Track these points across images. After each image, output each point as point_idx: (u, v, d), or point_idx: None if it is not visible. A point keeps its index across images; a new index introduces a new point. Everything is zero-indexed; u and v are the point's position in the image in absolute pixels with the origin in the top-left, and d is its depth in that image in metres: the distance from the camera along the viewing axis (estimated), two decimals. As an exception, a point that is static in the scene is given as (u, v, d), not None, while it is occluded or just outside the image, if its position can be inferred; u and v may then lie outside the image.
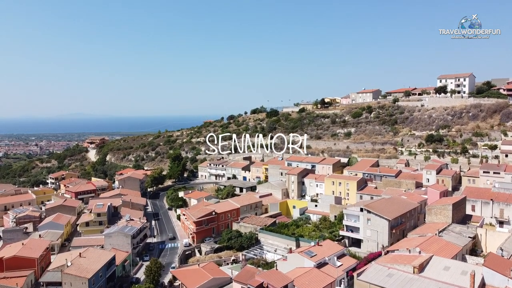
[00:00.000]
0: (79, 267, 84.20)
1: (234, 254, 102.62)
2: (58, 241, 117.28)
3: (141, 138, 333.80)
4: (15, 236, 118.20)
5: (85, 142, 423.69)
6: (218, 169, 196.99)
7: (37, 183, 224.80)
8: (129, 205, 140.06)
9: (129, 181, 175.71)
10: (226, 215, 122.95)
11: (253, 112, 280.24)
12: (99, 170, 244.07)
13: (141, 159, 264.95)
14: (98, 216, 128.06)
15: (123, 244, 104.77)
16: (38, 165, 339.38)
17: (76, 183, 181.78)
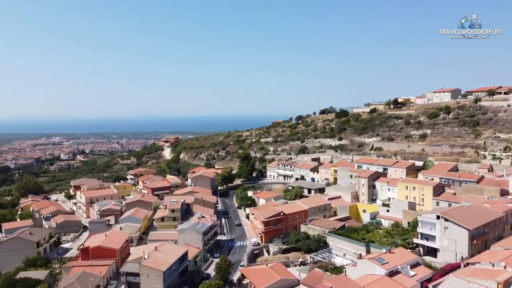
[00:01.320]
0: (155, 260, 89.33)
1: (302, 256, 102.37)
2: (136, 234, 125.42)
3: (212, 138, 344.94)
4: (99, 227, 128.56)
5: (160, 140, 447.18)
6: (287, 169, 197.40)
7: (118, 179, 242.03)
8: (201, 202, 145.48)
9: (201, 179, 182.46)
10: (294, 217, 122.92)
11: (322, 113, 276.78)
12: (173, 168, 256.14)
13: (212, 158, 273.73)
14: (172, 212, 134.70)
15: (195, 240, 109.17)
16: (119, 162, 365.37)
17: (152, 180, 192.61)
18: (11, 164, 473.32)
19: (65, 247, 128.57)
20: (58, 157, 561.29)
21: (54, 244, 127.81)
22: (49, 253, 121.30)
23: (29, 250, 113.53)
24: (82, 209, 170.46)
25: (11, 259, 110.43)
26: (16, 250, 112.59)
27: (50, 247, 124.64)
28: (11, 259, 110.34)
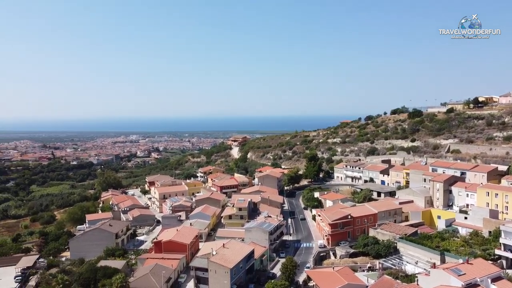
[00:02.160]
0: (222, 257, 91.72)
1: (370, 261, 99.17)
2: (205, 230, 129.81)
3: (279, 138, 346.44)
4: (171, 222, 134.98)
5: (229, 140, 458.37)
6: (355, 171, 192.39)
7: (189, 176, 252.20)
8: (268, 202, 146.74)
9: (268, 179, 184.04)
10: (363, 220, 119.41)
11: (393, 113, 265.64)
12: (241, 167, 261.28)
13: (278, 158, 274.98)
14: (240, 211, 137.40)
15: (261, 239, 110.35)
16: (190, 160, 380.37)
17: (221, 178, 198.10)
18: (94, 160, 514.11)
19: (140, 240, 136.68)
20: (135, 154, 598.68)
21: (131, 236, 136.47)
22: (126, 245, 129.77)
23: (109, 241, 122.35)
24: (156, 204, 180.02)
25: (93, 248, 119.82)
26: (98, 240, 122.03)
27: (127, 238, 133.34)
28: (93, 248, 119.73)
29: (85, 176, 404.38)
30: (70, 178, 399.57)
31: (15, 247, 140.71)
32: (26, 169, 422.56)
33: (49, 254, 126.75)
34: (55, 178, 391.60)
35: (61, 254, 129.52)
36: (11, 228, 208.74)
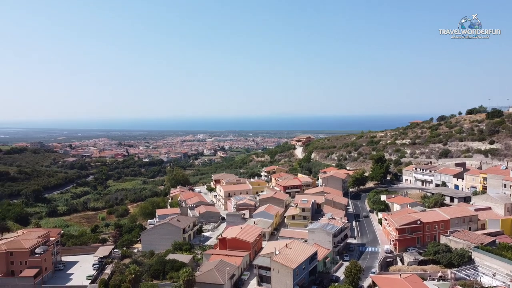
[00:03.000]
0: (285, 257, 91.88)
1: (441, 270, 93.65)
2: (268, 229, 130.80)
3: (344, 138, 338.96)
4: (235, 220, 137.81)
5: (293, 140, 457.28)
6: (425, 174, 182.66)
7: (253, 175, 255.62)
8: (331, 203, 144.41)
9: (332, 180, 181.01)
10: (433, 226, 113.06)
11: (469, 113, 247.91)
12: (305, 167, 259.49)
13: (343, 159, 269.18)
14: (303, 211, 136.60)
15: (325, 241, 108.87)
16: (254, 159, 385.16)
17: (284, 178, 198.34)
18: (164, 158, 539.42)
19: (206, 236, 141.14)
20: (201, 153, 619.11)
21: (197, 232, 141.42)
22: (193, 240, 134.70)
23: (177, 235, 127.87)
24: (221, 201, 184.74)
25: (162, 241, 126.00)
26: (166, 234, 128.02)
27: (193, 234, 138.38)
28: (163, 241, 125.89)
29: (156, 173, 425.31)
30: (142, 174, 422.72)
31: (94, 237, 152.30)
32: (104, 165, 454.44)
33: (123, 245, 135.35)
34: (129, 174, 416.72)
35: (134, 245, 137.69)
36: (90, 219, 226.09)
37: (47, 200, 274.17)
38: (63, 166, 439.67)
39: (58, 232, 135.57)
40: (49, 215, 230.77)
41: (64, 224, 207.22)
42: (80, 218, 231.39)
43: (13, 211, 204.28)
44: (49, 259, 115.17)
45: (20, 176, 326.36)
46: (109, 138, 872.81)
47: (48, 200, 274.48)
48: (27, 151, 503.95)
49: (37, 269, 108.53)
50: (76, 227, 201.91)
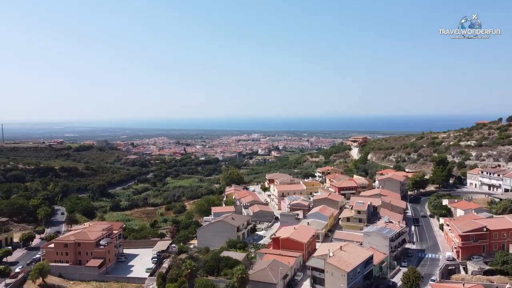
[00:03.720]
0: (340, 259, 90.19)
1: (510, 281, 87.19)
2: (322, 230, 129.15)
3: (403, 139, 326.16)
4: (289, 220, 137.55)
5: (348, 140, 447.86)
6: (493, 178, 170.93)
7: (307, 176, 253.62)
8: (389, 206, 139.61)
9: (389, 182, 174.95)
10: (501, 234, 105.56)
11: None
12: (360, 168, 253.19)
13: (402, 161, 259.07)
14: (358, 214, 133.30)
15: (381, 245, 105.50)
16: (308, 159, 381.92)
17: (339, 179, 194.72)
18: (220, 156, 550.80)
19: (259, 235, 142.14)
20: (256, 152, 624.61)
21: (251, 231, 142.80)
22: (246, 238, 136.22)
23: (231, 233, 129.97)
24: (275, 201, 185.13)
25: (217, 238, 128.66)
26: (221, 232, 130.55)
27: (247, 232, 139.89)
28: (217, 238, 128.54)
29: (212, 171, 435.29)
30: (199, 172, 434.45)
31: (153, 232, 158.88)
32: (163, 162, 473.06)
33: (180, 240, 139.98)
34: (186, 171, 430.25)
35: (190, 241, 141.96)
36: (150, 215, 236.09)
37: (111, 195, 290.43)
38: (125, 163, 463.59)
39: (120, 225, 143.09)
40: (112, 209, 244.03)
41: (126, 218, 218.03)
42: (141, 213, 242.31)
43: (80, 205, 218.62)
44: (112, 251, 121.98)
45: (87, 172, 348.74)
46: (168, 137, 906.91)
47: (112, 195, 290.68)
48: (94, 149, 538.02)
49: (101, 259, 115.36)
50: (136, 221, 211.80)
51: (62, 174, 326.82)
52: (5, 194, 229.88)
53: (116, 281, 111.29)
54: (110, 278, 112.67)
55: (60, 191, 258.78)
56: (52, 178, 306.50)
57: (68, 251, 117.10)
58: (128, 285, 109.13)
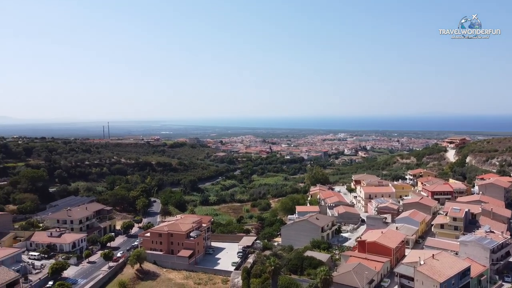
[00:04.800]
0: (432, 268, 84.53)
1: None
2: (412, 236, 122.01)
3: (508, 141, 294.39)
4: (376, 223, 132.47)
5: (444, 141, 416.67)
6: None
7: (396, 178, 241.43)
8: (490, 215, 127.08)
9: (492, 188, 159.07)
10: None
11: None
12: (457, 172, 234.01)
13: (507, 165, 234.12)
14: (454, 221, 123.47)
15: (480, 256, 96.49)
16: (398, 161, 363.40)
17: (433, 182, 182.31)
18: (305, 156, 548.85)
19: (344, 236, 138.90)
20: (342, 152, 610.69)
21: (335, 232, 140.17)
22: (331, 239, 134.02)
23: (315, 233, 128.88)
24: (361, 203, 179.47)
25: (301, 237, 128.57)
26: (305, 231, 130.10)
27: (332, 233, 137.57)
28: (301, 237, 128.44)
29: (296, 170, 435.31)
30: (284, 171, 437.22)
31: (239, 227, 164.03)
32: (249, 160, 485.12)
33: (264, 237, 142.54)
34: (271, 170, 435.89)
35: (274, 239, 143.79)
36: (236, 210, 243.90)
37: (201, 190, 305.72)
38: (214, 160, 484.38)
39: (209, 219, 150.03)
40: (202, 204, 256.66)
41: (214, 212, 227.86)
42: (228, 209, 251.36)
43: (173, 198, 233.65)
44: (201, 243, 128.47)
45: (180, 168, 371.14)
46: (255, 136, 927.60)
47: (201, 190, 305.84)
48: (186, 146, 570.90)
49: (191, 250, 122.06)
50: (224, 216, 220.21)
51: (158, 169, 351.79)
52: (109, 185, 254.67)
53: (204, 272, 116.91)
54: (198, 268, 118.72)
55: (156, 184, 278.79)
56: (149, 172, 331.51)
57: (162, 240, 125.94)
58: (215, 277, 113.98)
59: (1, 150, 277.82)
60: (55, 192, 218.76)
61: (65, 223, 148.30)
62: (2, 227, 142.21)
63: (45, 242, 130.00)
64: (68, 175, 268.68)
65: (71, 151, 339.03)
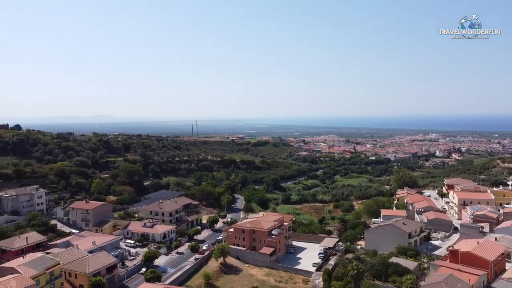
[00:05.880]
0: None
1: None
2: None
3: None
4: (471, 232, 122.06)
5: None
6: None
7: (496, 183, 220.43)
8: None
9: None
10: None
11: None
12: None
13: None
14: None
15: None
16: (499, 164, 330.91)
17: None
18: (391, 157, 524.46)
19: (435, 244, 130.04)
20: (433, 154, 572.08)
21: (424, 239, 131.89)
22: (419, 246, 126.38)
23: (401, 239, 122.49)
24: (454, 209, 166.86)
25: (386, 242, 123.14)
26: (391, 236, 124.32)
27: (420, 240, 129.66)
28: (386, 242, 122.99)
29: (382, 172, 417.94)
30: (368, 172, 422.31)
31: (320, 228, 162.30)
32: (332, 160, 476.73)
33: (347, 240, 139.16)
34: (355, 170, 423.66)
35: (357, 242, 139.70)
36: (318, 211, 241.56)
37: (282, 189, 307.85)
38: (297, 159, 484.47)
39: (290, 218, 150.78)
40: (283, 202, 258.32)
41: (296, 212, 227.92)
42: (309, 208, 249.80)
43: (256, 195, 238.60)
44: (282, 241, 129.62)
45: (263, 166, 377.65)
46: (338, 135, 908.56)
47: (283, 189, 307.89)
48: (269, 144, 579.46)
49: (273, 248, 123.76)
50: (305, 216, 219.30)
51: (242, 166, 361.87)
52: (197, 181, 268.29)
53: (284, 270, 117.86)
54: (279, 266, 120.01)
55: (240, 181, 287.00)
56: (233, 169, 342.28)
57: (244, 236, 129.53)
58: (295, 276, 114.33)
59: (104, 146, 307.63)
60: (148, 186, 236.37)
61: (157, 215, 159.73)
62: (104, 216, 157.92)
63: (139, 232, 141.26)
64: (160, 170, 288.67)
65: (163, 147, 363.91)
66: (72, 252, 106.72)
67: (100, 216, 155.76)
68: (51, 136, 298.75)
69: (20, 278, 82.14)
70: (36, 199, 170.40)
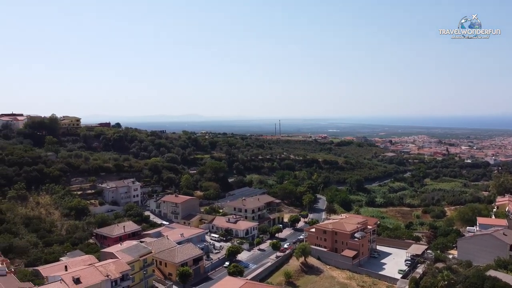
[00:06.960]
0: None
1: None
2: None
3: None
4: None
5: None
6: None
7: None
8: None
9: None
10: None
11: None
12: None
13: None
14: None
15: None
16: None
17: None
18: (491, 160, 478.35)
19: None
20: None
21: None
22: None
23: (501, 251, 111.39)
24: None
25: (482, 254, 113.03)
26: (488, 247, 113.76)
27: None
28: (483, 254, 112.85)
29: (479, 176, 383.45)
30: (463, 176, 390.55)
31: (407, 233, 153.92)
32: (422, 162, 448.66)
33: (437, 248, 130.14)
34: (447, 174, 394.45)
35: (448, 251, 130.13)
36: (405, 215, 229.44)
37: (366, 190, 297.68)
38: (382, 160, 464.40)
39: (375, 221, 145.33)
40: (367, 205, 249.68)
41: (380, 215, 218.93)
42: (395, 212, 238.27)
43: (339, 196, 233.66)
44: (365, 245, 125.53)
45: (346, 166, 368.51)
46: (429, 136, 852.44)
47: (367, 191, 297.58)
48: (353, 144, 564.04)
49: (355, 251, 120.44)
50: (391, 220, 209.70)
51: (324, 166, 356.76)
52: (279, 179, 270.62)
53: (367, 275, 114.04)
54: (362, 270, 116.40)
55: (322, 181, 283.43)
56: (315, 169, 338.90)
57: (326, 237, 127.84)
58: (379, 282, 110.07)
59: (193, 143, 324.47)
60: (232, 182, 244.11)
61: (240, 211, 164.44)
62: (191, 210, 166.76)
63: (223, 227, 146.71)
64: (244, 168, 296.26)
65: (247, 146, 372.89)
66: (163, 242, 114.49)
67: (188, 210, 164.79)
68: (146, 133, 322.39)
69: (118, 263, 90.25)
70: (132, 191, 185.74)
